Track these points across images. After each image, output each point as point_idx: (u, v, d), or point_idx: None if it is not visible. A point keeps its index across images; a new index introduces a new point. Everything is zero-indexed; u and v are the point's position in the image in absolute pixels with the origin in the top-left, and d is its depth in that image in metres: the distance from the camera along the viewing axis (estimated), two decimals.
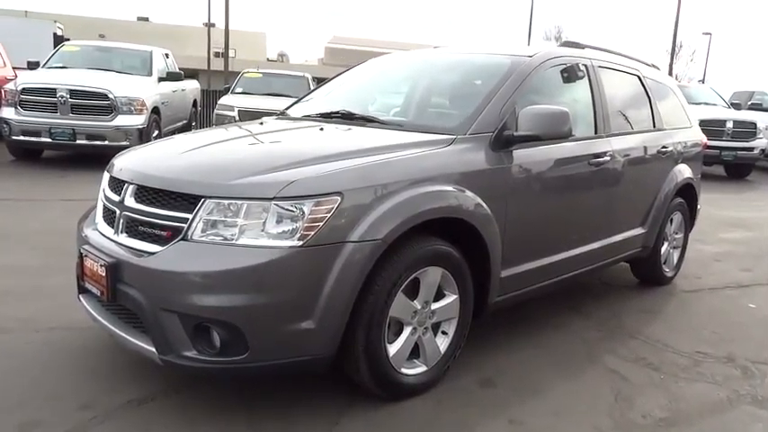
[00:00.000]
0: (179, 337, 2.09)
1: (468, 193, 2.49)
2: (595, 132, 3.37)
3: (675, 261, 4.46)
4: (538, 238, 2.99)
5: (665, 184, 4.06)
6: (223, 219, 2.09)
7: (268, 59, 47.34)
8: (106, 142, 8.02)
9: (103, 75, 8.49)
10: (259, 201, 2.06)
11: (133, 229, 2.30)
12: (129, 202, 2.33)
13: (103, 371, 2.58)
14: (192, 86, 11.58)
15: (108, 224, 2.46)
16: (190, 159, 2.40)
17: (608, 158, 3.35)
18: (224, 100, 9.52)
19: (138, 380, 2.50)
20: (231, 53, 46.97)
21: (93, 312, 2.48)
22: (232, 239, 2.07)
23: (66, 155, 8.89)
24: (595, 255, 3.46)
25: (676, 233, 4.42)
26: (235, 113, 9.05)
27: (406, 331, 2.40)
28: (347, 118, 2.98)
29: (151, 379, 2.51)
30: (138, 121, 8.20)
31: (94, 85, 7.98)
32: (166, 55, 10.45)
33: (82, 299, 2.62)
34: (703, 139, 4.74)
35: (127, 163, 2.52)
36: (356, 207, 2.13)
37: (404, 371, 2.41)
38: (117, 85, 8.15)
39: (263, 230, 2.05)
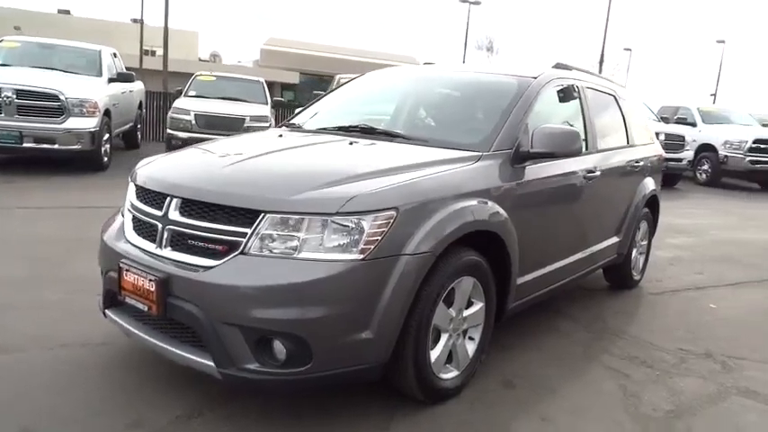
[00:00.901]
0: (240, 351, 2.13)
1: (496, 206, 2.66)
2: (586, 149, 3.64)
3: (641, 266, 4.84)
4: (544, 247, 3.21)
5: (636, 196, 4.41)
6: (283, 233, 2.15)
7: (200, 59, 46.11)
8: (56, 146, 7.67)
9: (52, 74, 8.12)
10: (321, 216, 2.13)
11: (181, 243, 2.30)
12: (174, 216, 2.33)
13: (137, 387, 2.56)
14: (138, 87, 11.21)
15: (145, 238, 2.44)
16: (240, 173, 2.42)
17: (598, 173, 3.62)
18: (179, 103, 9.29)
19: (177, 394, 2.50)
20: (160, 51, 45.34)
21: (129, 327, 2.46)
22: (292, 253, 2.13)
23: (6, 159, 8.42)
24: (586, 261, 3.73)
25: (642, 240, 4.79)
26: (191, 117, 8.87)
27: (444, 338, 2.54)
28: (367, 132, 3.08)
29: (189, 393, 2.51)
30: (90, 123, 7.89)
31: (44, 85, 7.62)
32: (114, 54, 10.08)
33: (110, 313, 2.59)
34: (663, 153, 5.15)
35: (165, 175, 2.51)
36: (409, 221, 2.25)
37: (441, 375, 2.54)
38: (68, 86, 7.81)
39: (323, 244, 2.13)
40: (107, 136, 8.60)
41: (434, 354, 2.48)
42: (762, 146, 12.30)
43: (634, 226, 4.42)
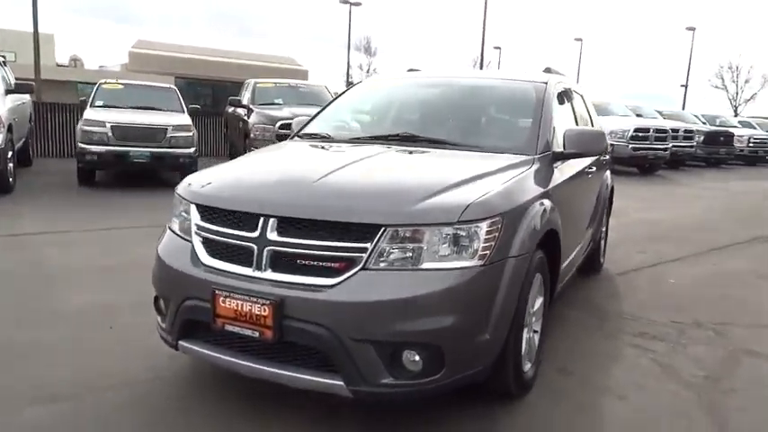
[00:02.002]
0: (373, 366, 2.12)
1: (552, 205, 2.84)
2: None
3: (603, 250, 5.29)
4: (569, 239, 3.44)
5: (602, 187, 4.82)
6: (404, 245, 2.16)
7: (58, 65, 42.33)
8: None
9: None
10: (442, 226, 2.18)
11: (287, 263, 2.23)
12: (273, 236, 2.25)
13: (224, 425, 2.43)
14: (27, 99, 10.16)
15: (233, 262, 2.32)
16: (340, 187, 2.38)
17: (594, 168, 3.94)
18: (90, 115, 8.51)
19: (268, 424, 2.41)
20: (10, 56, 40.93)
21: (218, 356, 2.35)
22: (415, 264, 2.15)
23: None
24: (582, 250, 4.04)
25: (603, 227, 5.25)
26: (107, 129, 8.19)
27: (524, 332, 2.67)
28: (410, 140, 3.12)
29: (285, 417, 2.44)
30: None
31: None
32: (3, 62, 9.06)
33: (186, 344, 2.44)
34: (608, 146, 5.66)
35: (248, 194, 2.40)
36: (511, 225, 2.36)
37: (524, 369, 2.68)
38: None
39: (444, 253, 2.18)
40: (10, 154, 7.75)
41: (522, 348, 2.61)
42: (641, 134, 13.77)
43: (603, 214, 4.84)
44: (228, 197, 2.44)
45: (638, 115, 15.73)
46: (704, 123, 19.17)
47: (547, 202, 2.76)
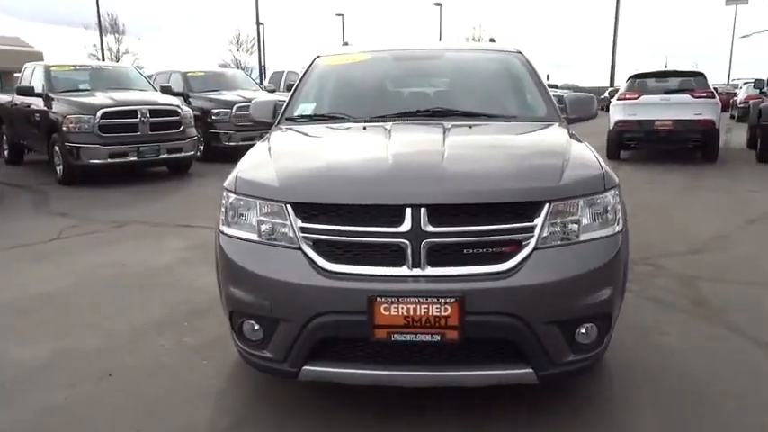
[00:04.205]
0: (558, 346, 2.07)
1: None
2: None
3: None
4: None
5: None
6: (563, 219, 2.11)
7: None
8: None
9: None
10: (591, 196, 2.17)
11: (449, 255, 2.01)
12: (429, 228, 2.00)
13: None
14: None
15: (373, 264, 2.03)
16: (485, 168, 2.25)
17: None
18: None
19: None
20: None
21: (372, 372, 2.08)
22: (576, 237, 2.12)
23: None
24: None
25: None
26: None
27: None
28: (443, 114, 2.96)
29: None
30: None
31: None
32: None
33: (314, 368, 2.09)
34: None
35: (387, 185, 2.11)
36: (618, 193, 2.43)
37: None
38: None
39: (594, 223, 2.17)
40: None
41: None
42: None
43: None
44: (352, 191, 2.09)
45: None
46: None
47: None
